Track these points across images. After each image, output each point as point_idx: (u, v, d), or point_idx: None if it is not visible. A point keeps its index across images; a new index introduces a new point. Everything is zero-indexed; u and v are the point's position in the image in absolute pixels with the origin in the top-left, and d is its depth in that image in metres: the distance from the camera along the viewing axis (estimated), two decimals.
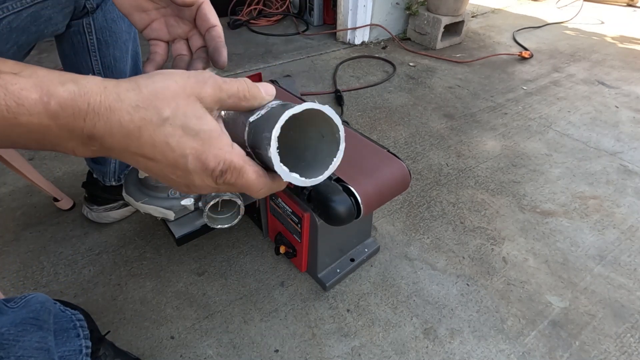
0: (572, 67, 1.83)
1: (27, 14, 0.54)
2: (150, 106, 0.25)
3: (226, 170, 0.27)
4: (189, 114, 0.26)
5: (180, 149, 0.26)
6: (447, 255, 0.87)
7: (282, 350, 0.68)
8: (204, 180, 0.27)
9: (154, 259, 0.83)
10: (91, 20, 0.65)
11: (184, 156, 0.26)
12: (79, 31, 0.65)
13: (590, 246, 0.90)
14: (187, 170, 0.27)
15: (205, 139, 0.26)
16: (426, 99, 1.49)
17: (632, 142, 1.28)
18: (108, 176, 0.85)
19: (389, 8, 1.97)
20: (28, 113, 0.22)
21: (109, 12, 0.67)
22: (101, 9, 0.65)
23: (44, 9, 0.56)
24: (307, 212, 0.67)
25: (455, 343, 0.70)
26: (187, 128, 0.26)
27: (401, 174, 0.65)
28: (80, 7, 0.63)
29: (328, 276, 0.78)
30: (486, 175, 1.11)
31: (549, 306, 0.77)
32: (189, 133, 0.26)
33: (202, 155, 0.26)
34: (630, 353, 0.69)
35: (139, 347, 0.68)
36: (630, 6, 2.90)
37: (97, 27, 0.66)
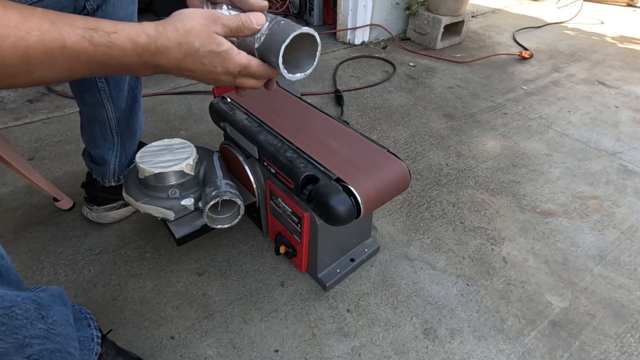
0: (572, 67, 1.83)
1: None
2: (188, 41, 0.42)
3: (240, 70, 0.46)
4: (212, 42, 0.43)
5: (211, 64, 0.44)
6: (447, 255, 0.87)
7: (282, 350, 0.68)
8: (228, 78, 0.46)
9: (154, 259, 0.83)
10: None
11: (214, 67, 0.44)
12: None
13: (590, 246, 0.90)
14: (217, 74, 0.45)
15: (224, 55, 0.44)
16: (426, 99, 1.49)
17: (632, 142, 1.28)
18: (107, 177, 0.85)
19: (389, 8, 1.97)
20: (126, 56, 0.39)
21: (109, 14, 0.66)
22: (102, 10, 0.65)
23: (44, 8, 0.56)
24: (307, 212, 0.67)
25: (455, 343, 0.70)
26: (212, 51, 0.43)
27: (401, 174, 0.65)
28: (80, 8, 0.62)
29: (328, 276, 0.78)
30: (486, 175, 1.11)
31: (549, 306, 0.77)
32: (214, 54, 0.43)
33: (225, 64, 0.44)
34: (630, 353, 0.69)
35: (139, 347, 0.68)
36: (630, 6, 2.90)
37: None
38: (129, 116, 0.81)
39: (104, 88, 0.74)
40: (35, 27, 0.34)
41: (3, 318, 0.38)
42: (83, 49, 0.37)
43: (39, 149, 1.12)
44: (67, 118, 1.26)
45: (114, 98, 0.76)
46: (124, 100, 0.78)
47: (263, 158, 0.71)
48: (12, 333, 0.39)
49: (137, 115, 0.83)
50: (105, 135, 0.79)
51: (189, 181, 0.71)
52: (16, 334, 0.40)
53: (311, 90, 1.52)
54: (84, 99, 0.76)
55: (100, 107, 0.76)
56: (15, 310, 0.40)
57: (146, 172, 0.68)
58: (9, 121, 1.23)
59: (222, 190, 0.68)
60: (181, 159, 0.70)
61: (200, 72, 0.45)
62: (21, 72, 0.36)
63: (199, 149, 0.77)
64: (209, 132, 1.24)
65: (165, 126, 1.26)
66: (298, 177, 0.61)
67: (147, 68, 0.42)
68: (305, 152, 0.66)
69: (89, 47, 0.37)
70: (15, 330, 0.40)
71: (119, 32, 0.38)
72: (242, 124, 0.74)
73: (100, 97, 0.74)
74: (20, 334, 0.40)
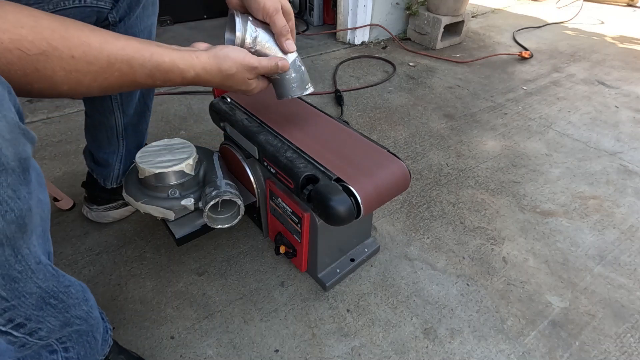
0: (572, 67, 1.83)
1: None
2: (226, 82, 0.53)
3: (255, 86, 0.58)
4: (243, 84, 0.55)
5: (244, 84, 0.55)
6: (447, 255, 0.87)
7: (282, 350, 0.68)
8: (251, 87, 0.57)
9: (154, 259, 0.83)
10: None
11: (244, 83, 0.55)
12: None
13: (590, 246, 0.90)
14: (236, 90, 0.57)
15: (250, 91, 0.58)
16: (426, 99, 1.49)
17: (632, 142, 1.28)
18: (110, 179, 0.84)
19: (389, 8, 1.97)
20: (174, 84, 0.49)
21: (132, 27, 0.66)
22: (124, 23, 0.65)
23: None
24: (307, 212, 0.67)
25: (455, 343, 0.70)
26: (241, 90, 0.56)
27: (401, 174, 0.65)
28: (102, 18, 0.62)
29: (328, 276, 0.77)
30: (486, 175, 1.11)
31: (549, 306, 0.77)
32: (241, 91, 0.57)
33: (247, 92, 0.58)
34: (630, 353, 0.69)
35: (139, 347, 0.68)
36: (630, 6, 2.90)
37: None
38: (138, 122, 0.81)
39: (116, 97, 0.74)
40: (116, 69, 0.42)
41: (63, 296, 0.42)
42: (144, 83, 0.46)
43: (39, 149, 1.12)
44: (67, 118, 1.26)
45: (125, 106, 0.76)
46: (134, 107, 0.77)
47: (263, 158, 0.71)
48: (65, 311, 0.43)
49: (146, 122, 0.83)
50: (111, 139, 0.79)
51: (189, 181, 0.71)
52: (67, 312, 0.43)
53: None
54: (94, 103, 0.75)
55: (110, 113, 0.75)
56: (71, 289, 0.44)
57: (146, 172, 0.68)
58: None
59: (222, 190, 0.68)
60: (181, 159, 0.70)
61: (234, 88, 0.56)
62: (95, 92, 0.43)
63: (199, 149, 0.77)
64: (209, 132, 1.24)
65: (165, 126, 1.26)
66: (298, 177, 0.61)
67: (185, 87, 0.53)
68: (305, 152, 0.66)
69: (148, 82, 0.46)
70: (68, 308, 0.43)
71: (174, 71, 0.47)
72: (242, 124, 0.74)
73: (111, 105, 0.74)
74: (70, 313, 0.44)
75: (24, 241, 0.35)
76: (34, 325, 0.39)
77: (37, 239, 0.37)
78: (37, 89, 0.38)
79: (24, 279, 0.36)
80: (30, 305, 0.38)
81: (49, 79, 0.37)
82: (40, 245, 0.38)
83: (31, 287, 0.37)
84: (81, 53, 0.38)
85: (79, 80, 0.39)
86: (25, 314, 0.38)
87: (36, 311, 0.39)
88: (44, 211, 0.39)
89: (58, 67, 0.37)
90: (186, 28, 2.07)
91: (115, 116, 0.76)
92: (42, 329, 0.40)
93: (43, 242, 0.39)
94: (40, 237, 0.38)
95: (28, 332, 0.39)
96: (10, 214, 0.31)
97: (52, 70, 0.37)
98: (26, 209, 0.33)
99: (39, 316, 0.39)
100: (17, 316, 0.37)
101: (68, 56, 0.37)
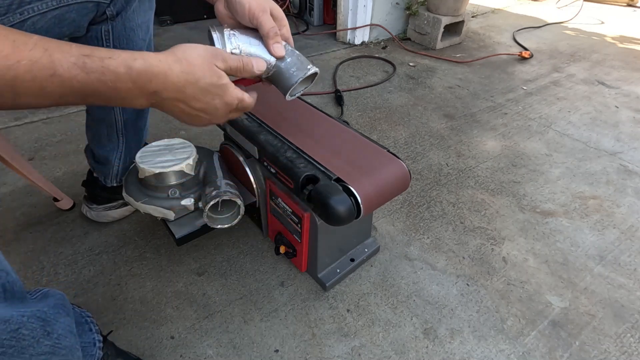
0: (572, 67, 1.83)
1: (51, 15, 0.54)
2: (190, 72, 0.43)
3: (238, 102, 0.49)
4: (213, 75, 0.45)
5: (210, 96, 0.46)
6: (447, 255, 0.87)
7: (282, 350, 0.68)
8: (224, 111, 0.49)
9: (154, 259, 0.83)
10: (110, 28, 0.65)
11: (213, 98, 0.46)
12: (97, 37, 0.65)
13: (590, 246, 0.90)
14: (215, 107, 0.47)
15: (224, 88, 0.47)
16: (426, 99, 1.49)
17: (632, 142, 1.28)
18: (110, 177, 0.84)
19: (389, 8, 1.97)
20: (119, 80, 0.39)
21: (129, 21, 0.66)
22: (121, 17, 0.65)
23: (68, 12, 0.57)
24: (307, 212, 0.67)
25: (455, 343, 0.70)
26: (213, 84, 0.45)
27: (401, 174, 0.64)
28: (100, 13, 0.62)
29: (328, 276, 0.77)
30: (486, 175, 1.11)
31: (549, 306, 0.77)
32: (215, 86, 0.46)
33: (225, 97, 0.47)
34: (630, 353, 0.69)
35: (139, 347, 0.68)
36: (630, 6, 2.90)
37: (115, 36, 0.66)
38: (137, 119, 0.81)
39: None
40: (25, 57, 0.35)
41: (11, 341, 0.38)
42: (74, 76, 0.37)
43: (39, 149, 1.12)
44: (67, 118, 1.26)
45: None
46: None
47: (263, 158, 0.71)
48: (20, 354, 0.39)
49: (145, 119, 0.83)
50: (111, 136, 0.79)
51: (189, 181, 0.71)
52: (23, 354, 0.40)
53: (311, 90, 1.52)
54: None
55: (109, 109, 0.76)
56: (22, 331, 0.40)
57: (146, 172, 0.68)
58: (9, 121, 1.23)
59: (222, 190, 0.68)
60: (181, 159, 0.70)
61: (198, 104, 0.46)
62: (7, 98, 0.36)
63: (199, 149, 0.77)
64: (209, 132, 1.24)
65: (165, 126, 1.26)
66: (298, 177, 0.61)
67: (142, 95, 0.42)
68: (305, 152, 0.66)
69: (80, 74, 0.37)
70: (23, 350, 0.40)
71: (114, 57, 0.39)
72: (242, 124, 0.74)
73: None
74: (27, 354, 0.40)
75: None
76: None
77: None
78: None
79: None
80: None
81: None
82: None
83: None
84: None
85: None
86: None
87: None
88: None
89: None
90: (186, 28, 2.07)
91: (114, 111, 0.76)
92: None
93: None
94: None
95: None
96: None
97: None
98: None
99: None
100: None
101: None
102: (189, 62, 0.43)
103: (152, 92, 0.42)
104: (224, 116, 0.50)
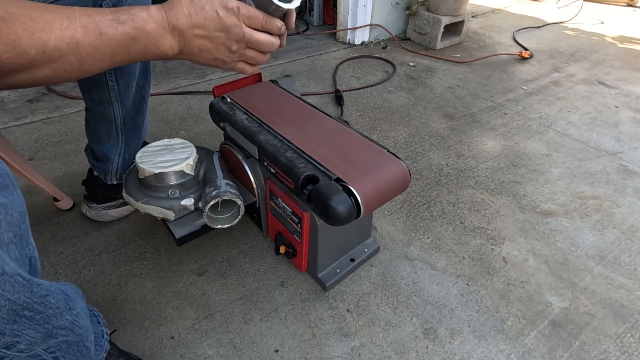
0: (572, 67, 1.83)
1: None
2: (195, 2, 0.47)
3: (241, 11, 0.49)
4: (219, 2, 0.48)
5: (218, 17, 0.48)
6: (447, 255, 0.87)
7: (282, 350, 0.68)
8: (233, 44, 0.50)
9: (154, 259, 0.83)
10: None
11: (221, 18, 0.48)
12: None
13: (590, 246, 0.90)
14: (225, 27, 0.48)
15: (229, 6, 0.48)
16: (426, 99, 1.49)
17: (632, 142, 1.28)
18: (110, 174, 0.85)
19: (389, 8, 1.97)
20: (145, 22, 0.45)
21: None
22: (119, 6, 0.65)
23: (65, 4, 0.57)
24: (307, 212, 0.67)
25: (455, 343, 0.70)
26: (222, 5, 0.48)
27: (401, 174, 0.65)
28: (97, 4, 0.63)
29: (328, 276, 0.77)
30: (486, 175, 1.11)
31: (549, 306, 0.77)
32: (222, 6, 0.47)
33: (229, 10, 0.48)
34: (631, 353, 0.69)
35: (139, 347, 0.68)
36: (630, 6, 2.90)
37: None
38: (135, 115, 0.81)
39: (113, 86, 0.74)
40: (78, 24, 0.41)
41: (40, 306, 0.39)
42: (115, 30, 0.43)
43: (39, 149, 1.12)
44: (67, 118, 1.26)
45: (122, 97, 0.76)
46: (131, 99, 0.78)
47: (263, 158, 0.71)
48: (44, 322, 0.40)
49: (143, 115, 0.84)
50: (110, 132, 0.80)
51: (189, 181, 0.71)
52: (47, 324, 0.41)
53: (311, 90, 1.52)
54: (92, 96, 0.76)
55: (108, 104, 0.76)
56: (50, 299, 0.41)
57: (146, 172, 0.68)
58: (9, 121, 1.23)
59: (222, 190, 0.68)
60: (181, 159, 0.70)
61: (210, 36, 0.49)
62: (75, 67, 0.43)
63: (199, 149, 0.77)
64: (209, 132, 1.24)
65: (165, 126, 1.26)
66: (298, 177, 0.61)
67: (166, 34, 0.47)
68: (305, 152, 0.66)
69: (118, 27, 0.43)
70: (47, 320, 0.41)
71: (134, 7, 0.46)
72: (242, 124, 0.74)
73: (109, 95, 0.75)
74: (51, 324, 0.41)
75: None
76: (9, 339, 0.37)
77: (3, 247, 0.35)
78: (7, 62, 0.39)
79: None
80: (1, 319, 0.35)
81: (14, 45, 0.38)
82: (11, 253, 0.36)
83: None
84: (39, 15, 0.39)
85: (45, 42, 0.39)
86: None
87: (9, 324, 0.36)
88: (11, 216, 0.37)
89: (20, 29, 0.38)
90: None
91: (113, 107, 0.76)
92: (20, 342, 0.38)
93: (16, 249, 0.38)
94: (12, 243, 0.36)
95: (4, 346, 0.37)
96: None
97: (15, 34, 0.38)
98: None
99: (13, 329, 0.37)
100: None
101: (27, 18, 0.38)
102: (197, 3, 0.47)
103: (172, 27, 0.46)
104: (238, 50, 0.51)
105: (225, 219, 0.73)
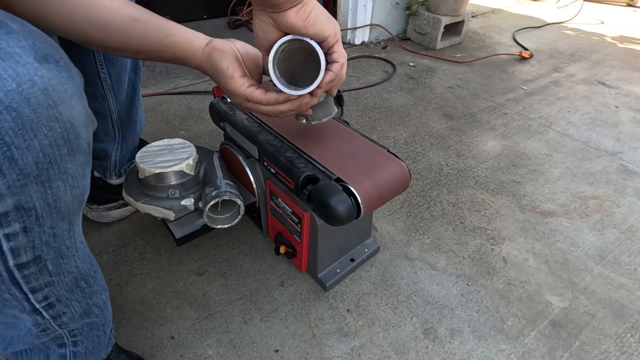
0: (572, 67, 1.83)
1: None
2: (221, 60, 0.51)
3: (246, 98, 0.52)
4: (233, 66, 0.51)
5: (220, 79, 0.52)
6: (447, 255, 0.87)
7: (282, 350, 0.68)
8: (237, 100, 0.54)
9: (154, 259, 0.83)
10: None
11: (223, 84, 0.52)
12: None
13: (590, 246, 0.90)
14: (228, 90, 0.53)
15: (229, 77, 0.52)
16: (426, 99, 1.49)
17: (632, 142, 1.28)
18: (109, 171, 0.85)
19: (389, 8, 1.97)
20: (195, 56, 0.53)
21: None
22: None
23: None
24: (307, 212, 0.67)
25: (455, 343, 0.70)
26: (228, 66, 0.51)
27: (401, 174, 0.65)
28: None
29: (328, 276, 0.77)
30: (486, 175, 1.11)
31: (549, 306, 0.77)
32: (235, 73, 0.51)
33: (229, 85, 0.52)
34: (631, 353, 0.69)
35: (139, 347, 0.68)
36: (630, 6, 2.90)
37: None
38: (129, 109, 0.82)
39: (105, 79, 0.74)
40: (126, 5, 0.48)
41: (92, 280, 0.42)
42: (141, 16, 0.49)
43: None
44: None
45: (116, 90, 0.76)
46: (124, 93, 0.78)
47: (263, 158, 0.71)
48: (89, 297, 0.43)
49: (137, 108, 0.84)
50: (107, 128, 0.80)
51: (189, 181, 0.71)
52: (90, 299, 0.43)
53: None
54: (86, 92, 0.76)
55: (103, 99, 0.76)
56: (98, 275, 0.44)
57: (146, 172, 0.68)
58: None
59: (222, 190, 0.68)
60: (181, 159, 0.70)
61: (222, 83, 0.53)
62: (131, 47, 0.50)
63: (199, 149, 0.77)
64: (209, 132, 1.24)
65: (165, 126, 1.26)
66: (298, 177, 0.61)
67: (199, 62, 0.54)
68: (305, 152, 0.66)
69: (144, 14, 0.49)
70: (92, 295, 0.43)
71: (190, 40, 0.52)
72: (242, 124, 0.74)
73: (103, 89, 0.75)
74: (92, 300, 0.44)
75: (77, 218, 0.36)
76: (61, 309, 0.40)
77: (75, 219, 0.38)
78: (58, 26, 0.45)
79: (69, 255, 0.37)
80: (65, 285, 0.38)
81: None
82: (79, 223, 0.39)
83: (71, 265, 0.38)
84: None
85: None
86: (58, 294, 0.38)
87: (67, 292, 0.39)
88: None
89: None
90: None
91: (107, 101, 0.77)
92: (66, 313, 0.41)
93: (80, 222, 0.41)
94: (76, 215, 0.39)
95: (54, 315, 0.40)
96: (76, 190, 0.34)
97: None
98: (86, 188, 0.36)
99: (68, 299, 0.40)
100: (52, 294, 0.38)
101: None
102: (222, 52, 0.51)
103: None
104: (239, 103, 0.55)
105: (225, 219, 0.73)
